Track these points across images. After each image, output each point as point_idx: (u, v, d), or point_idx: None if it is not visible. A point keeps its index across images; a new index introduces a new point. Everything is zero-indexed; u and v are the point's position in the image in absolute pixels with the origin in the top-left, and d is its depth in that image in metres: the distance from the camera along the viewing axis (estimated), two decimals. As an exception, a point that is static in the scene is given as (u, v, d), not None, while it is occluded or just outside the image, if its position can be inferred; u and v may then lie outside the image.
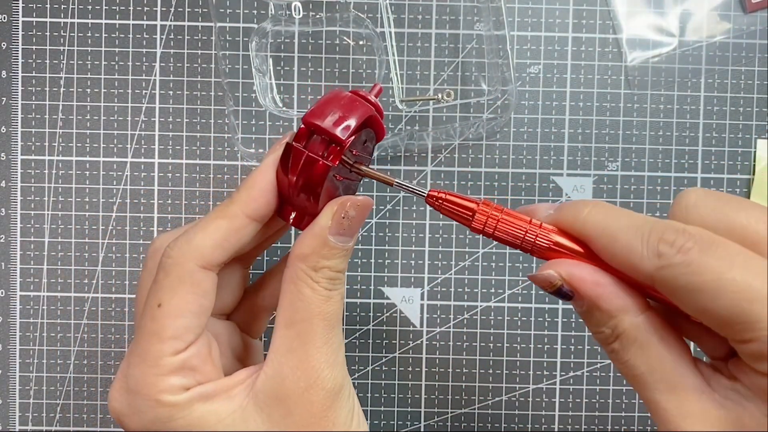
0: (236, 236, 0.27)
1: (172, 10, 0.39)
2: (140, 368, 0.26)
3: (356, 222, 0.27)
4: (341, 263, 0.27)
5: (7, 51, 0.39)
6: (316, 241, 0.26)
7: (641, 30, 0.39)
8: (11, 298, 0.39)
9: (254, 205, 0.27)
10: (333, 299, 0.27)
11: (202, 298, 0.26)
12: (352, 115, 0.27)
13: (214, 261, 0.26)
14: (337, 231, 0.26)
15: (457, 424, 0.39)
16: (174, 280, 0.26)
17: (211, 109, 0.39)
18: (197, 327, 0.26)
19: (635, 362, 0.23)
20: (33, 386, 0.39)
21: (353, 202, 0.27)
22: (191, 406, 0.25)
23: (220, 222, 0.27)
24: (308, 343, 0.26)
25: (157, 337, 0.26)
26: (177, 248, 0.26)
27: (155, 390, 0.25)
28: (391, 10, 0.38)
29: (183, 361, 0.26)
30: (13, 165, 0.39)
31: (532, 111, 0.39)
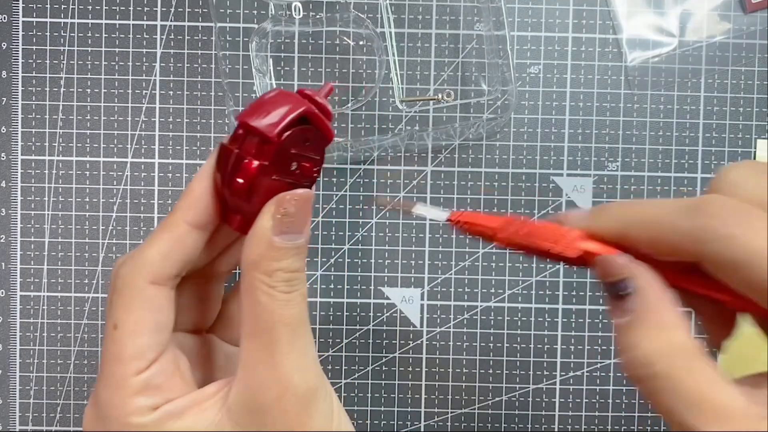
0: (181, 246, 0.26)
1: (172, 10, 0.39)
2: (106, 392, 0.25)
3: (300, 217, 0.25)
4: (295, 262, 0.25)
5: (7, 51, 0.39)
6: (261, 245, 0.25)
7: (641, 30, 0.39)
8: (11, 298, 0.39)
9: (192, 212, 0.26)
10: (293, 302, 0.25)
11: (158, 314, 0.25)
12: (283, 111, 0.25)
13: (164, 274, 0.26)
14: (281, 230, 0.25)
15: (457, 424, 0.39)
16: (126, 299, 0.25)
17: (211, 109, 0.39)
18: (157, 344, 0.25)
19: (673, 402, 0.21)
20: (33, 386, 0.39)
21: (291, 196, 0.25)
22: (161, 425, 0.25)
23: (163, 234, 0.26)
24: (274, 351, 0.25)
25: (118, 359, 0.25)
26: (125, 267, 0.26)
27: (123, 413, 0.25)
28: (391, 10, 0.38)
29: (146, 381, 0.25)
30: (13, 165, 0.39)
31: (532, 111, 0.39)
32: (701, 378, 0.20)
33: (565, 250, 0.24)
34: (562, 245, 0.24)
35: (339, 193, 0.39)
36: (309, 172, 0.27)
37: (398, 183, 0.39)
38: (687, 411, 0.20)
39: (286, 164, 0.26)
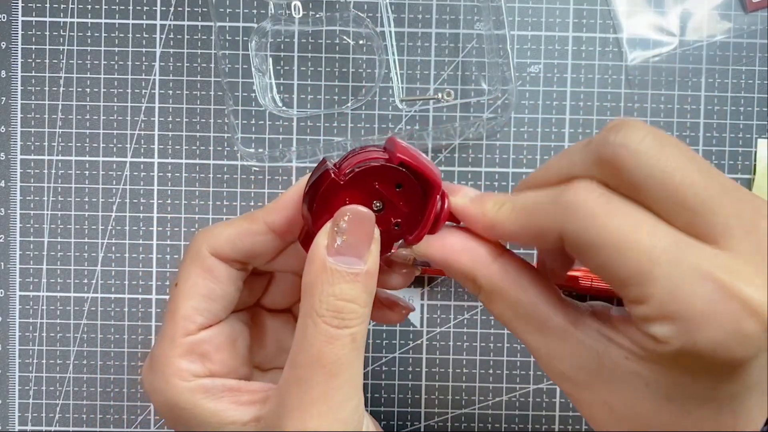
0: (250, 238, 0.26)
1: (171, 10, 0.39)
2: (159, 348, 0.26)
3: (355, 237, 0.23)
4: (350, 290, 0.23)
5: (7, 50, 0.39)
6: (314, 266, 0.23)
7: (641, 29, 0.39)
8: (11, 298, 0.39)
9: (275, 215, 0.26)
10: (338, 341, 0.23)
11: (214, 284, 0.26)
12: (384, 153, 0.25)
13: (224, 253, 0.26)
14: (335, 251, 0.23)
15: (457, 425, 0.39)
16: (188, 261, 0.26)
17: (211, 108, 0.39)
18: (208, 311, 0.26)
19: (501, 310, 0.23)
20: (32, 386, 0.39)
21: (345, 210, 0.24)
22: (195, 396, 0.25)
23: (242, 222, 0.27)
24: (303, 393, 0.23)
25: (172, 317, 0.26)
26: (199, 234, 0.27)
27: (168, 370, 0.25)
28: (391, 10, 0.38)
29: (192, 345, 0.26)
30: (12, 165, 0.39)
31: (532, 110, 0.39)
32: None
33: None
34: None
35: (339, 192, 0.39)
36: (390, 221, 0.25)
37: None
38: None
39: (366, 196, 0.24)
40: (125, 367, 0.39)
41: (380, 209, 0.24)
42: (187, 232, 0.39)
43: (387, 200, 0.24)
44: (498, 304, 0.24)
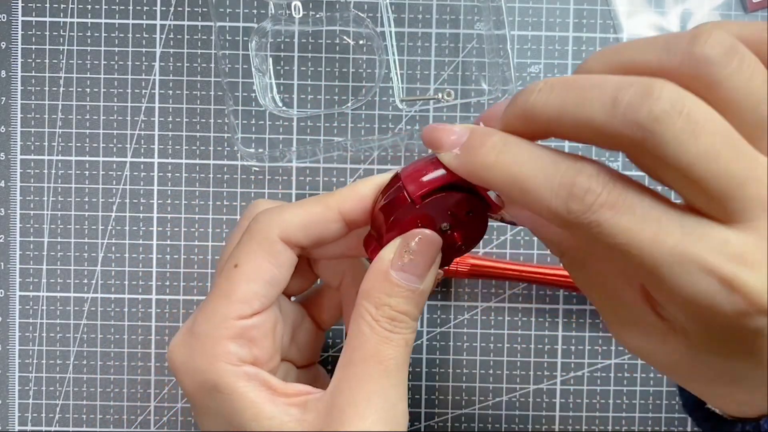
0: (323, 225, 0.26)
1: (171, 10, 0.39)
2: (206, 326, 0.26)
3: (420, 259, 0.25)
4: (405, 304, 0.25)
5: (7, 50, 0.39)
6: (377, 276, 0.25)
7: (642, 29, 0.39)
8: (11, 298, 0.39)
9: (350, 204, 0.26)
10: (393, 342, 0.24)
11: (277, 270, 0.26)
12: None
13: (295, 239, 0.26)
14: (400, 266, 0.24)
15: (457, 425, 0.39)
16: (255, 244, 0.26)
17: (211, 108, 0.39)
18: (266, 297, 0.26)
19: (580, 280, 0.24)
20: (32, 386, 0.39)
21: (417, 233, 0.25)
22: (238, 380, 0.25)
23: (314, 206, 0.26)
24: (359, 389, 0.24)
25: (227, 298, 0.26)
26: (267, 216, 0.26)
27: (214, 351, 0.25)
28: (391, 10, 0.38)
29: (244, 329, 0.26)
30: (12, 165, 0.39)
31: (532, 111, 0.39)
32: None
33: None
34: None
35: (339, 192, 0.39)
36: (455, 241, 0.26)
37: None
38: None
39: (436, 219, 0.25)
40: (125, 367, 0.39)
41: (447, 229, 0.25)
42: (187, 232, 0.39)
43: (456, 226, 0.25)
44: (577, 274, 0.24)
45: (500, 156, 0.21)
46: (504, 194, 0.23)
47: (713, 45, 0.19)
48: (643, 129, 0.18)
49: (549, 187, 0.20)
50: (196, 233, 0.39)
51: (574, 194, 0.20)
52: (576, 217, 0.20)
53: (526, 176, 0.21)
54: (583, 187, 0.20)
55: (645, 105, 0.18)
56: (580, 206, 0.19)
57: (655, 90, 0.18)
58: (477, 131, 0.22)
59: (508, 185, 0.21)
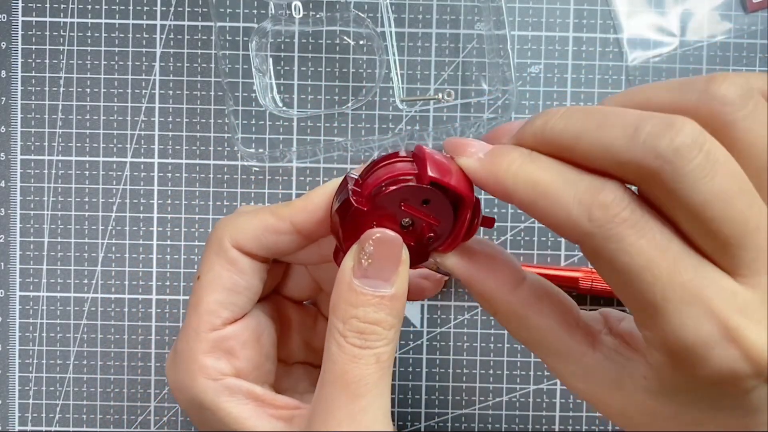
0: (274, 237, 0.26)
1: (171, 10, 0.39)
2: (182, 341, 0.26)
3: (380, 261, 0.23)
4: (374, 312, 0.23)
5: (7, 51, 0.39)
6: (341, 287, 0.23)
7: (642, 30, 0.39)
8: (11, 298, 0.39)
9: (302, 215, 0.25)
10: (362, 361, 0.23)
11: (238, 277, 0.26)
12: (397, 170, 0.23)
13: (248, 247, 0.26)
14: (361, 273, 0.23)
15: (457, 425, 0.39)
16: (211, 254, 0.26)
17: (211, 109, 0.39)
18: (233, 305, 0.26)
19: (518, 333, 0.23)
20: (32, 387, 0.39)
21: (372, 234, 0.23)
22: (219, 396, 0.25)
23: (266, 215, 0.26)
24: (329, 414, 0.23)
25: (195, 310, 0.25)
26: (221, 225, 0.26)
27: (193, 367, 0.25)
28: (392, 10, 0.38)
29: (217, 340, 0.25)
30: (12, 165, 0.39)
31: (532, 111, 0.39)
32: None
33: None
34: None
35: (339, 193, 0.39)
36: (423, 234, 0.24)
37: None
38: None
39: (393, 216, 0.23)
40: (125, 367, 0.39)
41: (410, 224, 0.24)
42: (187, 232, 0.39)
43: (416, 217, 0.23)
44: (515, 329, 0.23)
45: (525, 163, 0.21)
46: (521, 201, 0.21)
47: (729, 86, 0.19)
48: (662, 159, 0.18)
49: (572, 193, 0.20)
50: (196, 233, 0.39)
51: (598, 202, 0.19)
52: (598, 227, 0.19)
53: (548, 182, 0.20)
54: (608, 198, 0.19)
55: (666, 136, 0.18)
56: (603, 215, 0.19)
57: (677, 123, 0.18)
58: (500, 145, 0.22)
59: (530, 190, 0.20)
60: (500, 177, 0.21)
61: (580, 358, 0.22)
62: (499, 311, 0.23)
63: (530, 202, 0.21)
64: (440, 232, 0.24)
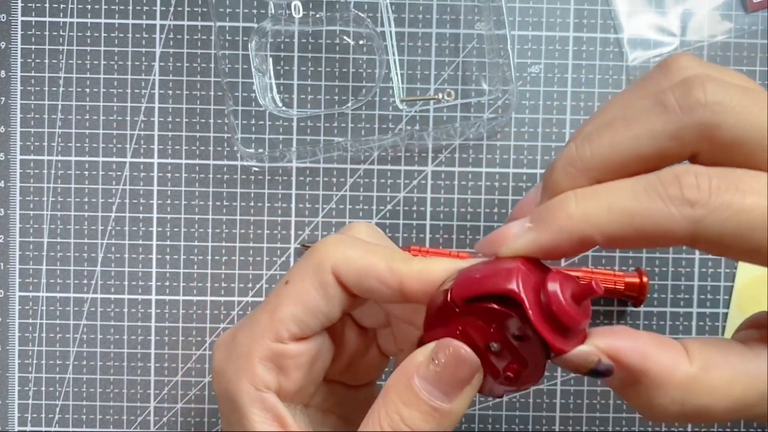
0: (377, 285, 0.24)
1: (171, 10, 0.39)
2: (246, 336, 0.25)
3: (447, 373, 0.21)
4: (422, 421, 0.21)
5: (6, 50, 0.39)
6: (400, 377, 0.22)
7: (642, 29, 0.39)
8: (10, 298, 0.39)
9: (415, 283, 0.23)
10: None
11: (322, 300, 0.24)
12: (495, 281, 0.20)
13: (346, 280, 0.24)
14: (426, 376, 0.21)
15: (457, 425, 0.39)
16: (308, 267, 0.25)
17: (211, 109, 0.39)
18: (305, 325, 0.25)
19: (708, 403, 0.20)
20: (32, 387, 0.39)
21: (449, 344, 0.21)
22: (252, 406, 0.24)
23: (380, 263, 0.24)
24: None
25: (270, 311, 0.25)
26: (330, 245, 0.25)
27: (244, 365, 0.24)
28: (392, 10, 0.38)
29: (276, 353, 0.24)
30: (12, 165, 0.39)
31: (533, 111, 0.39)
32: None
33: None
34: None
35: (339, 193, 0.39)
36: (503, 368, 0.21)
37: (398, 183, 0.39)
38: None
39: (481, 334, 0.21)
40: (125, 367, 0.39)
41: (497, 351, 0.21)
42: (187, 232, 0.39)
43: (506, 348, 0.21)
44: (708, 399, 0.20)
45: (583, 199, 0.19)
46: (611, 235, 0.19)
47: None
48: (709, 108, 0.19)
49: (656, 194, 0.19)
50: (196, 233, 0.39)
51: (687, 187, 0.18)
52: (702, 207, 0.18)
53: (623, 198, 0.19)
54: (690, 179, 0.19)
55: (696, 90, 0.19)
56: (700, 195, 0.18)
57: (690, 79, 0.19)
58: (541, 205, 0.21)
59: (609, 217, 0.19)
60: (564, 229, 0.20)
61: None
62: (688, 400, 0.20)
63: (621, 229, 0.19)
64: (521, 379, 0.21)
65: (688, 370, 0.20)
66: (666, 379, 0.20)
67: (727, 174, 0.19)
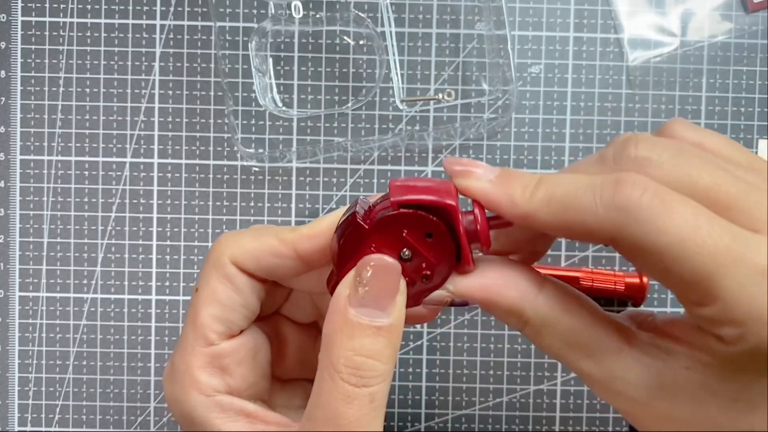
0: (275, 260, 0.25)
1: (171, 10, 0.39)
2: (178, 354, 0.25)
3: (381, 289, 0.22)
4: (371, 346, 0.22)
5: (6, 50, 0.39)
6: (334, 317, 0.22)
7: (642, 30, 0.39)
8: (10, 298, 0.39)
9: (306, 243, 0.24)
10: (356, 402, 0.22)
11: (235, 293, 0.25)
12: (423, 190, 0.22)
13: (246, 266, 0.25)
14: (357, 301, 0.22)
15: (457, 425, 0.39)
16: (209, 267, 0.25)
17: (211, 109, 0.39)
18: (228, 321, 0.25)
19: (551, 341, 0.22)
20: (32, 387, 0.39)
21: (369, 259, 0.22)
22: (210, 413, 0.24)
23: (269, 238, 0.25)
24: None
25: (191, 323, 0.25)
26: (223, 240, 0.26)
27: (187, 380, 0.25)
28: (392, 10, 0.38)
29: (212, 356, 0.25)
30: (12, 165, 0.39)
31: (533, 111, 0.39)
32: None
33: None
34: None
35: (339, 193, 0.39)
36: (420, 270, 0.23)
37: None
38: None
39: (394, 243, 0.22)
40: (125, 367, 0.39)
41: (408, 258, 0.22)
42: (187, 232, 0.39)
43: (416, 251, 0.22)
44: (547, 336, 0.22)
45: (540, 182, 0.21)
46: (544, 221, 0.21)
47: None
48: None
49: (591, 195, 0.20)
50: (196, 233, 0.39)
51: (620, 193, 0.19)
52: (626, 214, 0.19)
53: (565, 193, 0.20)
54: (627, 186, 0.19)
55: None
56: (628, 202, 0.19)
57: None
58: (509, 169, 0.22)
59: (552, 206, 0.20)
60: (516, 201, 0.21)
61: (617, 356, 0.22)
62: (530, 320, 0.22)
63: (553, 218, 0.20)
64: (436, 274, 0.23)
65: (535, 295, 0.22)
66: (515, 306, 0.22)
67: (663, 192, 0.19)
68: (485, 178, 0.22)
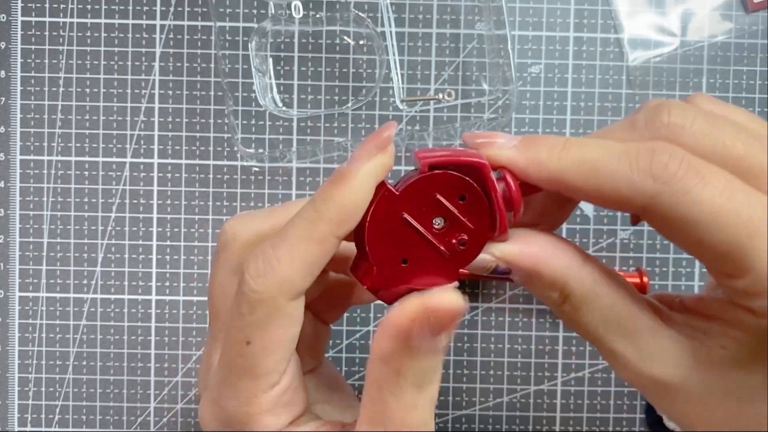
0: (326, 259, 0.22)
1: (171, 10, 0.39)
2: (234, 404, 0.23)
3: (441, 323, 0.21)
4: (430, 362, 0.22)
5: (6, 51, 0.39)
6: (396, 341, 0.21)
7: (643, 30, 0.39)
8: (10, 298, 0.39)
9: (348, 226, 0.22)
10: (420, 408, 0.22)
11: (293, 328, 0.23)
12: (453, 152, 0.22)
13: (304, 289, 0.23)
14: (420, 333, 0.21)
15: (458, 426, 0.39)
16: (262, 317, 0.22)
17: (211, 109, 0.39)
18: (289, 356, 0.23)
19: (589, 319, 0.22)
20: (32, 387, 0.39)
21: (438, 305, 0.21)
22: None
23: (309, 247, 0.22)
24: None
25: (248, 375, 0.23)
26: (261, 280, 0.22)
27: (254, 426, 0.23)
28: (392, 10, 0.38)
29: (277, 398, 0.23)
30: (12, 165, 0.39)
31: (533, 111, 0.39)
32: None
33: None
34: None
35: (339, 193, 0.39)
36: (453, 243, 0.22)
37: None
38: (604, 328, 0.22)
39: (427, 210, 0.22)
40: (125, 368, 0.39)
41: (442, 227, 0.22)
42: (187, 232, 0.39)
43: (451, 214, 0.22)
44: (587, 313, 0.22)
45: (567, 144, 0.21)
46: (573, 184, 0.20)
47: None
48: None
49: (626, 162, 0.20)
50: (196, 233, 0.39)
51: (657, 163, 0.19)
52: (663, 184, 0.19)
53: (597, 157, 0.20)
54: (664, 157, 0.19)
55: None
56: (665, 173, 0.19)
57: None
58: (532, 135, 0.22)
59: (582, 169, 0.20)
60: (544, 162, 0.21)
61: (654, 337, 0.21)
62: (571, 294, 0.21)
63: (584, 181, 0.20)
64: (472, 240, 0.22)
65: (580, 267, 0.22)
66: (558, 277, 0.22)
67: (698, 164, 0.19)
68: (509, 145, 0.21)
